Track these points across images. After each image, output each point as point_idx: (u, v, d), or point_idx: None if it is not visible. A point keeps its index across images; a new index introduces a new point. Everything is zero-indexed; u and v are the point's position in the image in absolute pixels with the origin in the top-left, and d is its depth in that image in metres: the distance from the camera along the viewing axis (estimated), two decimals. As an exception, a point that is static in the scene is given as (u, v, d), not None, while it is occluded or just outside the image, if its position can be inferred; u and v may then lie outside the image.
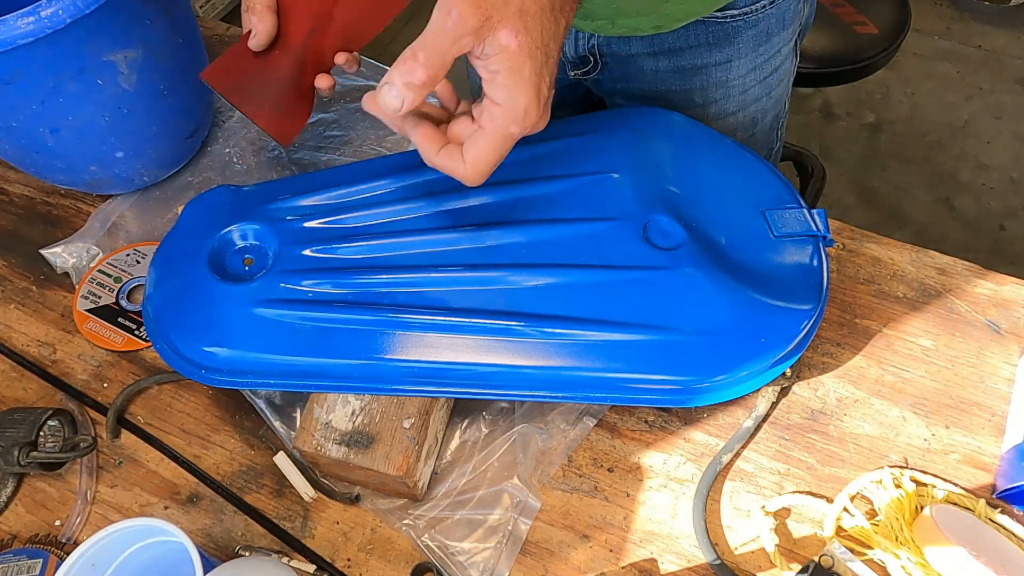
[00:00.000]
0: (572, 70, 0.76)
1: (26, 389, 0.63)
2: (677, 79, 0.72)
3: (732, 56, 0.70)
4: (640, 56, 0.71)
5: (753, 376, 0.52)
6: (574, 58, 0.74)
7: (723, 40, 0.68)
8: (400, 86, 0.41)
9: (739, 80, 0.72)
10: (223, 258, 0.57)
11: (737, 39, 0.68)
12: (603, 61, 0.73)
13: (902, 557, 0.50)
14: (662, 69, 0.71)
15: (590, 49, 0.72)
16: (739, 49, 0.69)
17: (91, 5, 0.52)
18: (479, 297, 0.53)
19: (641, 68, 0.72)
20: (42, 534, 0.56)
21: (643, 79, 0.73)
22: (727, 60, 0.70)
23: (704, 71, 0.71)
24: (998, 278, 0.63)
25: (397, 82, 0.41)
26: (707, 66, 0.70)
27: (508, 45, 0.40)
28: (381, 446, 0.52)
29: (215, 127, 0.77)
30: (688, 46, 0.69)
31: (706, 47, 0.69)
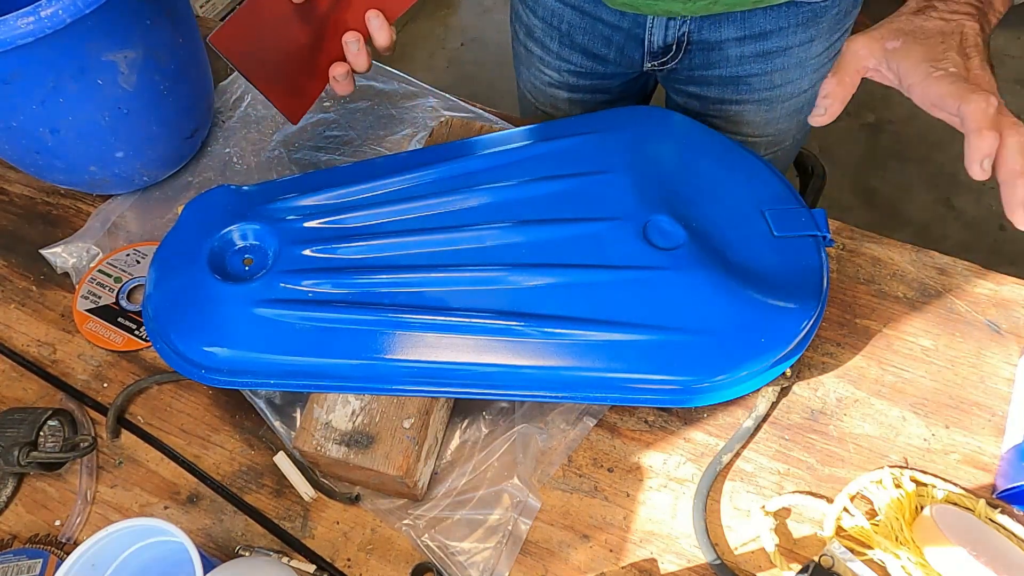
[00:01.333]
0: (650, 61, 0.76)
1: (26, 389, 0.63)
2: (760, 62, 0.73)
3: (814, 36, 0.71)
4: (727, 42, 0.71)
5: (753, 376, 0.52)
6: (659, 48, 0.74)
7: (810, 21, 0.69)
8: None
9: (816, 59, 0.73)
10: (223, 258, 0.57)
11: (822, 19, 0.70)
12: (687, 49, 0.73)
13: (902, 557, 0.50)
14: (747, 54, 0.72)
15: (679, 37, 0.72)
16: (821, 29, 0.71)
17: (91, 5, 0.52)
18: (479, 297, 0.53)
19: (726, 54, 0.72)
20: (42, 534, 0.56)
21: (726, 64, 0.73)
22: (809, 40, 0.71)
23: (787, 52, 0.72)
24: (998, 278, 0.63)
25: None
26: (791, 47, 0.71)
27: None
28: (381, 446, 0.52)
29: (215, 127, 0.77)
30: (777, 28, 0.69)
31: (793, 28, 0.70)
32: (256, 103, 0.79)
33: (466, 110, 0.77)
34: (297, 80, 0.54)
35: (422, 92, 0.79)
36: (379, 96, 0.79)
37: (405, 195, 0.59)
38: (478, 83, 2.03)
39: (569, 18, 0.75)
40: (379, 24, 0.55)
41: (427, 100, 0.78)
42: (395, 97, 0.79)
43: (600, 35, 0.75)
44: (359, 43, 0.55)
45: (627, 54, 0.76)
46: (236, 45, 0.51)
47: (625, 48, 0.75)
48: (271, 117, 0.78)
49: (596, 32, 0.75)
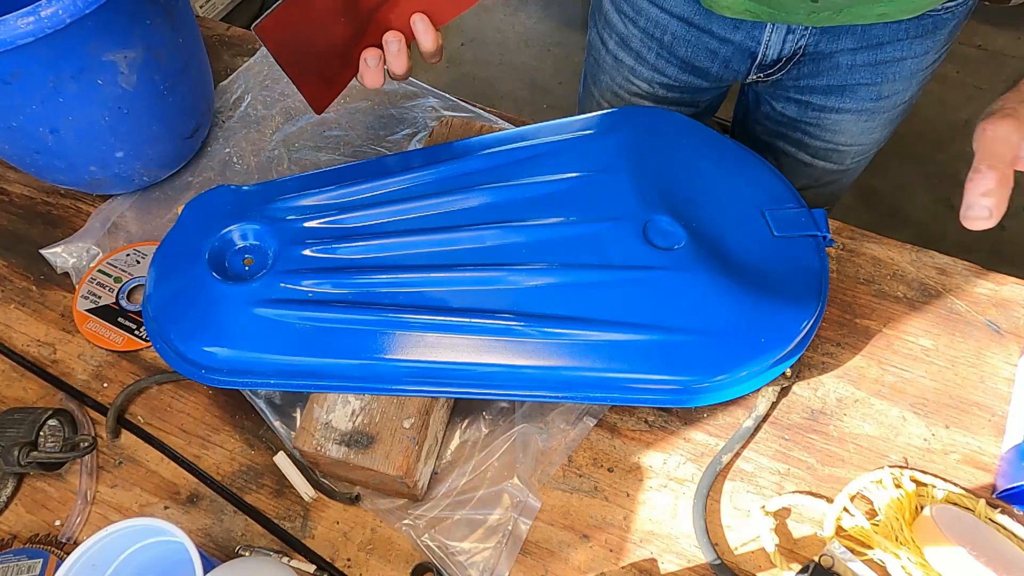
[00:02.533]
0: (757, 72, 0.73)
1: (26, 389, 0.63)
2: (870, 73, 0.70)
3: (929, 48, 0.69)
4: (842, 52, 0.69)
5: (753, 376, 0.52)
6: (772, 60, 0.71)
7: (929, 32, 0.67)
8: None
9: (924, 70, 0.72)
10: (223, 258, 0.57)
11: (941, 31, 0.67)
12: (799, 61, 0.71)
13: (902, 557, 0.50)
14: (859, 63, 0.69)
15: (796, 48, 0.69)
16: (938, 41, 0.68)
17: (91, 5, 0.52)
18: (479, 297, 0.53)
19: (836, 62, 0.70)
20: (42, 534, 0.56)
21: (835, 74, 0.71)
22: (924, 52, 0.69)
23: (900, 63, 0.69)
24: (998, 278, 0.63)
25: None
26: (905, 59, 0.69)
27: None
28: (381, 446, 0.52)
29: (215, 127, 0.77)
30: (895, 39, 0.67)
31: (910, 39, 0.67)
32: (256, 103, 0.79)
33: (466, 110, 0.77)
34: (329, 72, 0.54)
35: (422, 92, 0.79)
36: (379, 96, 0.79)
37: (405, 195, 0.59)
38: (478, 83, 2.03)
39: (674, 29, 0.72)
40: (424, 28, 0.53)
41: (427, 100, 0.78)
42: (395, 97, 0.79)
43: (706, 48, 0.72)
44: (400, 44, 0.54)
45: (732, 67, 0.73)
46: (279, 35, 0.50)
47: (732, 61, 0.73)
48: (271, 117, 0.78)
49: (702, 45, 0.72)
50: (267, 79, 0.81)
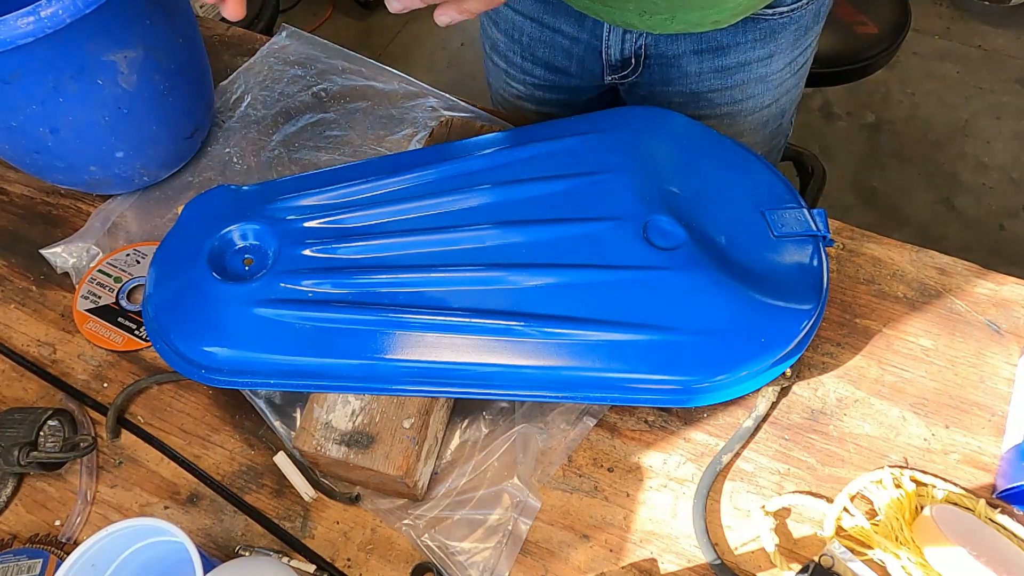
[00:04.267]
0: (611, 74, 0.76)
1: (26, 389, 0.63)
2: (719, 78, 0.72)
3: (774, 52, 0.71)
4: (685, 56, 0.71)
5: (753, 376, 0.52)
6: (617, 61, 0.74)
7: (767, 37, 0.69)
8: None
9: (777, 74, 0.73)
10: (223, 258, 0.57)
11: (780, 35, 0.69)
12: (645, 63, 0.73)
13: (902, 557, 0.50)
14: (705, 69, 0.72)
15: (636, 50, 0.72)
16: (780, 45, 0.70)
17: (91, 5, 0.52)
18: (479, 297, 0.53)
19: (684, 70, 0.72)
20: (42, 534, 0.56)
21: (685, 80, 0.73)
22: (768, 56, 0.71)
23: (746, 68, 0.72)
24: (998, 278, 0.63)
25: None
26: (750, 63, 0.71)
27: None
28: (381, 446, 0.52)
29: (215, 127, 0.77)
30: (735, 43, 0.69)
31: (751, 44, 0.70)
32: (256, 103, 0.79)
33: (466, 110, 0.77)
34: None
35: (422, 92, 0.79)
36: (379, 96, 0.79)
37: (405, 195, 0.59)
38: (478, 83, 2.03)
39: (529, 31, 0.76)
40: None
41: (427, 100, 0.78)
42: (395, 97, 0.79)
43: (560, 48, 0.75)
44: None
45: (587, 67, 0.76)
46: None
47: (585, 61, 0.75)
48: (271, 117, 0.78)
49: (556, 45, 0.75)
50: (267, 79, 0.81)
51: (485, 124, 0.69)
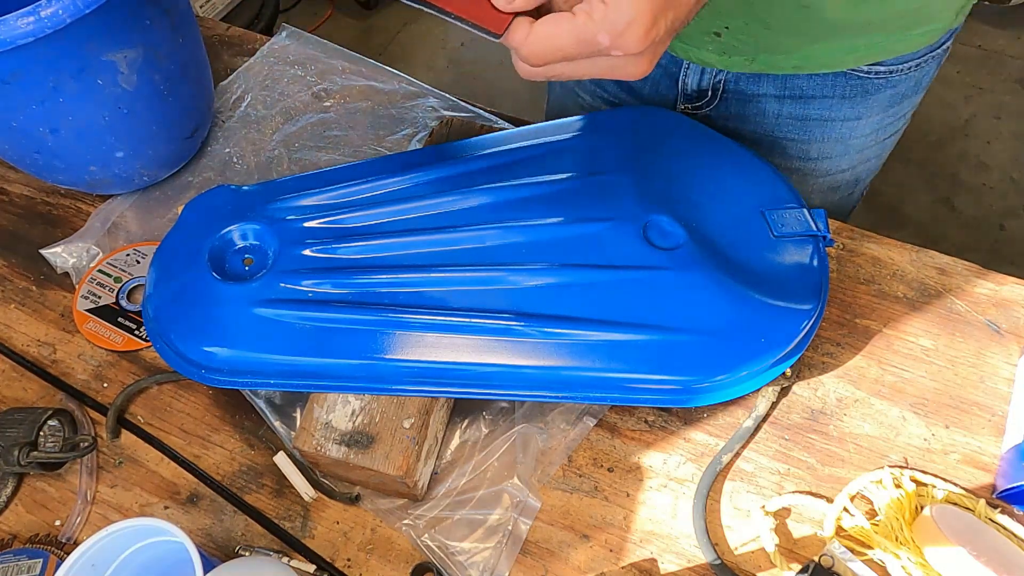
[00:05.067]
0: (684, 103, 0.72)
1: (26, 389, 0.63)
2: (797, 128, 0.68)
3: (862, 114, 0.66)
4: (765, 97, 0.67)
5: (753, 376, 0.52)
6: (693, 91, 0.70)
7: (858, 95, 0.64)
8: None
9: (860, 139, 0.69)
10: (223, 258, 0.57)
11: (872, 97, 0.65)
12: (723, 97, 0.69)
13: (902, 557, 0.50)
14: (785, 114, 0.67)
15: (715, 83, 0.68)
16: (871, 107, 0.66)
17: (91, 5, 0.52)
18: (479, 297, 0.53)
19: (763, 110, 0.68)
20: (42, 534, 0.56)
21: (761, 121, 0.69)
22: (856, 117, 0.66)
23: (828, 124, 0.67)
24: (998, 278, 0.63)
25: None
26: (833, 120, 0.66)
27: None
28: (381, 446, 0.52)
29: (215, 127, 0.77)
30: (821, 95, 0.65)
31: (838, 100, 0.65)
32: (256, 103, 0.79)
33: (466, 110, 0.77)
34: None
35: (422, 92, 0.79)
36: (379, 96, 0.79)
37: (405, 195, 0.59)
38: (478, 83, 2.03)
39: None
40: None
41: (427, 100, 0.78)
42: (395, 97, 0.79)
43: None
44: None
45: (662, 91, 0.73)
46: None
47: (660, 85, 0.72)
48: (271, 117, 0.78)
49: None
50: (267, 79, 0.81)
51: (485, 124, 0.69)
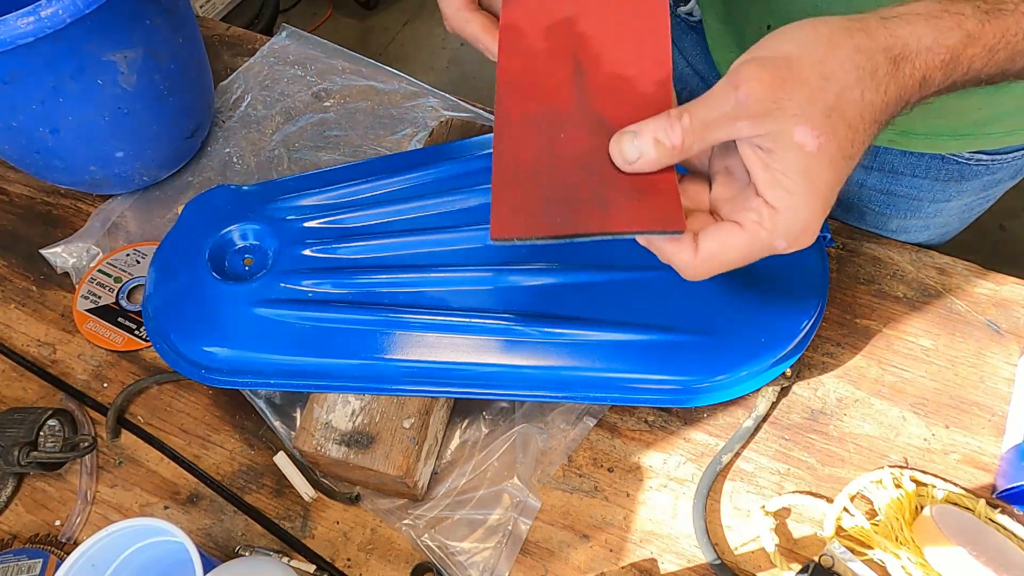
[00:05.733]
0: None
1: (26, 389, 0.63)
2: (880, 201, 0.64)
3: (952, 196, 0.63)
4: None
5: (753, 376, 0.52)
6: None
7: (954, 179, 0.61)
8: (648, 140, 0.35)
9: (944, 218, 0.66)
10: (223, 258, 0.57)
11: (968, 181, 0.62)
12: None
13: (902, 557, 0.50)
14: (869, 185, 0.64)
15: None
16: (964, 190, 0.62)
17: (91, 5, 0.52)
18: (479, 297, 0.53)
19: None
20: (42, 534, 0.56)
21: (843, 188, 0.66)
22: (945, 199, 0.63)
23: (915, 203, 0.64)
24: (998, 278, 0.63)
25: (646, 134, 0.35)
26: (921, 199, 0.63)
27: (804, 145, 0.33)
28: (381, 446, 0.52)
29: (215, 127, 0.77)
30: (911, 174, 0.61)
31: (931, 181, 0.61)
32: (256, 103, 0.79)
33: (466, 110, 0.77)
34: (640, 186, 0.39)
35: (422, 92, 0.79)
36: (379, 96, 0.79)
37: (405, 195, 0.59)
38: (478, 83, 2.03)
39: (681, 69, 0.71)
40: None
41: (427, 100, 0.78)
42: (395, 97, 0.79)
43: None
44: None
45: None
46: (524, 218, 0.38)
47: None
48: (271, 117, 0.78)
49: None
50: (267, 79, 0.81)
51: (485, 124, 0.69)
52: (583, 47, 0.41)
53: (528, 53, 0.42)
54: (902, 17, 0.35)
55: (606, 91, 0.40)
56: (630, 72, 0.40)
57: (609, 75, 0.41)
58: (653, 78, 0.40)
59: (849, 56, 0.34)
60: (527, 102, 0.41)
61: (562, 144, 0.39)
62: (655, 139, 0.35)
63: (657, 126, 0.35)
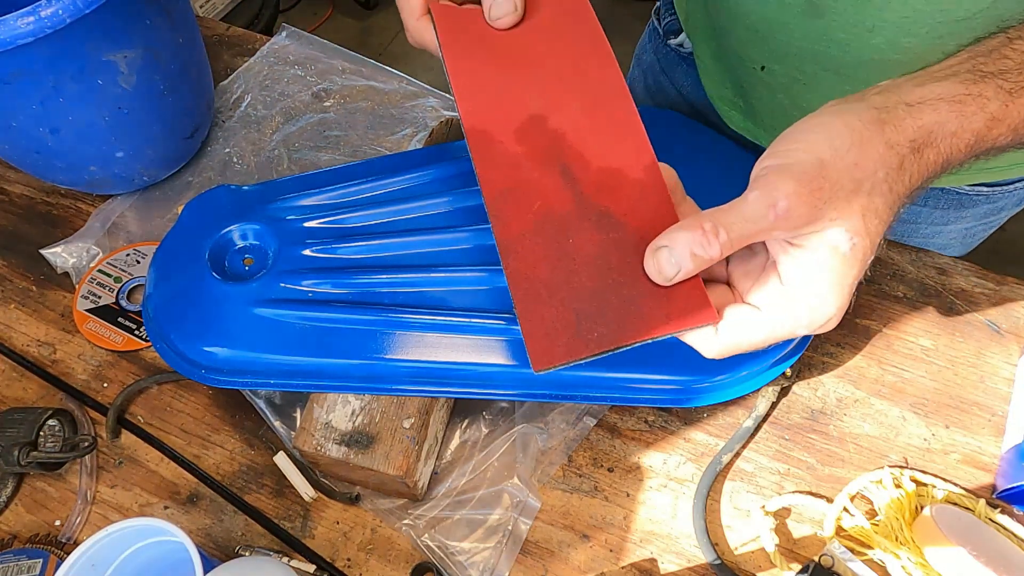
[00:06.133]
0: None
1: (26, 389, 0.63)
2: None
3: (950, 220, 0.64)
4: None
5: (753, 376, 0.52)
6: None
7: (954, 207, 0.62)
8: (685, 255, 0.34)
9: (943, 240, 0.67)
10: (223, 258, 0.57)
11: (968, 210, 0.62)
12: None
13: (902, 557, 0.50)
14: None
15: None
16: (963, 217, 0.63)
17: (91, 5, 0.52)
18: (479, 297, 0.53)
19: None
20: (42, 534, 0.56)
21: None
22: (943, 223, 0.64)
23: (913, 226, 0.65)
24: (998, 278, 0.63)
25: (682, 248, 0.34)
26: (918, 223, 0.64)
27: (839, 247, 0.34)
28: (381, 446, 0.52)
29: (215, 127, 0.77)
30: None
31: (929, 209, 0.63)
32: (256, 103, 0.79)
33: (466, 110, 0.77)
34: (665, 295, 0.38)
35: (422, 92, 0.79)
36: (379, 96, 0.79)
37: (405, 195, 0.58)
38: (478, 83, 2.02)
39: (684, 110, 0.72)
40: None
41: (427, 100, 0.78)
42: (395, 97, 0.79)
43: None
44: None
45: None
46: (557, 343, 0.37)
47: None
48: (271, 117, 0.78)
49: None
50: (267, 79, 0.81)
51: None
52: (563, 147, 0.41)
53: (507, 161, 0.41)
54: (927, 104, 0.35)
55: (601, 186, 0.40)
56: (617, 163, 0.40)
57: (598, 170, 0.40)
58: (640, 164, 0.40)
59: (881, 156, 0.34)
60: (524, 214, 0.40)
61: (574, 248, 0.38)
62: (692, 253, 0.34)
63: (693, 240, 0.34)
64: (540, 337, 0.37)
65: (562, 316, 0.37)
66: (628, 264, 0.38)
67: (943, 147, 0.35)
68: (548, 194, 0.40)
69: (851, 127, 0.34)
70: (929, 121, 0.34)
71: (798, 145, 0.35)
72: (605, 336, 0.37)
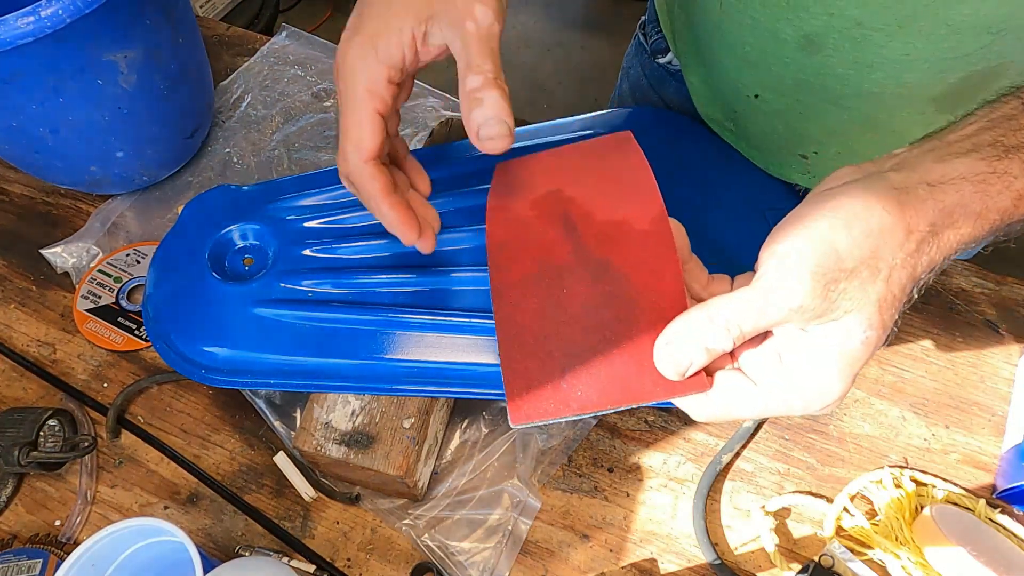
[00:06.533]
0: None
1: (26, 389, 0.63)
2: None
3: None
4: None
5: (753, 376, 0.52)
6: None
7: None
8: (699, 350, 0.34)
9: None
10: (223, 258, 0.57)
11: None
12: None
13: (902, 557, 0.50)
14: None
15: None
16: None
17: (91, 5, 0.52)
18: (479, 297, 0.53)
19: None
20: (42, 534, 0.56)
21: None
22: None
23: None
24: (998, 278, 0.63)
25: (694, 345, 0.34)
26: None
27: (852, 337, 0.33)
28: (381, 446, 0.52)
29: (215, 127, 0.77)
30: None
31: None
32: (256, 103, 0.79)
33: (466, 110, 0.77)
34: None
35: (422, 92, 0.79)
36: (379, 96, 0.79)
37: (405, 195, 0.58)
38: (478, 83, 2.02)
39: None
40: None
41: (427, 100, 0.78)
42: (395, 97, 0.79)
43: None
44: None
45: None
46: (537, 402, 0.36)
47: None
48: (271, 117, 0.78)
49: None
50: (267, 79, 0.81)
51: (485, 124, 0.69)
52: (571, 206, 0.41)
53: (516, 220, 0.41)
54: (949, 184, 0.34)
55: (603, 238, 0.39)
56: (622, 216, 0.39)
57: (602, 223, 0.40)
58: (648, 215, 0.39)
59: (900, 243, 0.33)
60: (523, 261, 0.39)
61: (566, 299, 0.38)
62: (706, 348, 0.34)
63: (705, 335, 0.34)
64: (520, 390, 0.36)
65: (546, 369, 0.36)
66: (620, 322, 0.37)
67: (965, 229, 0.34)
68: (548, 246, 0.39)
69: (870, 210, 0.33)
70: (951, 203, 0.33)
71: (813, 233, 0.33)
72: (588, 398, 0.36)
